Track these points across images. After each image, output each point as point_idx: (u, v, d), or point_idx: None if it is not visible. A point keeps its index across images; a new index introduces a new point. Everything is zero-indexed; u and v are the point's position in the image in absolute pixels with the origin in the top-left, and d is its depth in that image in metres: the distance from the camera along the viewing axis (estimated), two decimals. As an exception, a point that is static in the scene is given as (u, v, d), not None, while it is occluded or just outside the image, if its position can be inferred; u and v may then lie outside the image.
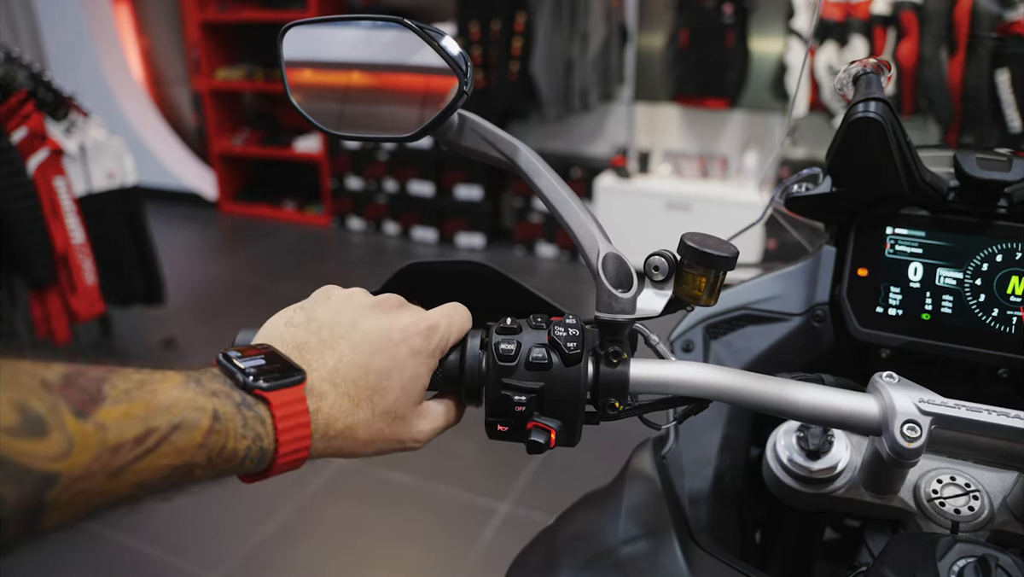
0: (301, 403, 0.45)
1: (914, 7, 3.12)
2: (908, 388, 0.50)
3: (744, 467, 0.74)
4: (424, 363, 0.50)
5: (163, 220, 4.67)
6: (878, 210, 0.67)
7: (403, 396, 0.49)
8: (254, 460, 0.43)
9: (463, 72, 0.52)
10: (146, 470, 0.37)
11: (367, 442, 0.49)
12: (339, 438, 0.47)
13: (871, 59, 0.65)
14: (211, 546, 2.11)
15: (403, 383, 0.49)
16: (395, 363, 0.49)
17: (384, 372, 0.48)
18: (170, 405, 0.39)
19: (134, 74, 5.68)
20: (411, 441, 0.51)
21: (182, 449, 0.39)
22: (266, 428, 0.43)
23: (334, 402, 0.47)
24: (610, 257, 0.53)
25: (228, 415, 0.41)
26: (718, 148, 4.25)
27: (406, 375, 0.49)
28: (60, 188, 2.75)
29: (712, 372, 0.52)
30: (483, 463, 2.49)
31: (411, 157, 4.64)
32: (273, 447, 0.43)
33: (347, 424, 0.47)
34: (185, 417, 0.39)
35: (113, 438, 0.36)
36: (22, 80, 2.73)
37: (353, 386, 0.47)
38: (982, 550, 0.47)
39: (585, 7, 3.95)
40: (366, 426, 0.48)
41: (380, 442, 0.49)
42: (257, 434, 0.43)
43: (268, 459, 0.44)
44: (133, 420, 0.37)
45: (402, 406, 0.49)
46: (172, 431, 0.38)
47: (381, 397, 0.48)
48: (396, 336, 0.49)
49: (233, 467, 0.42)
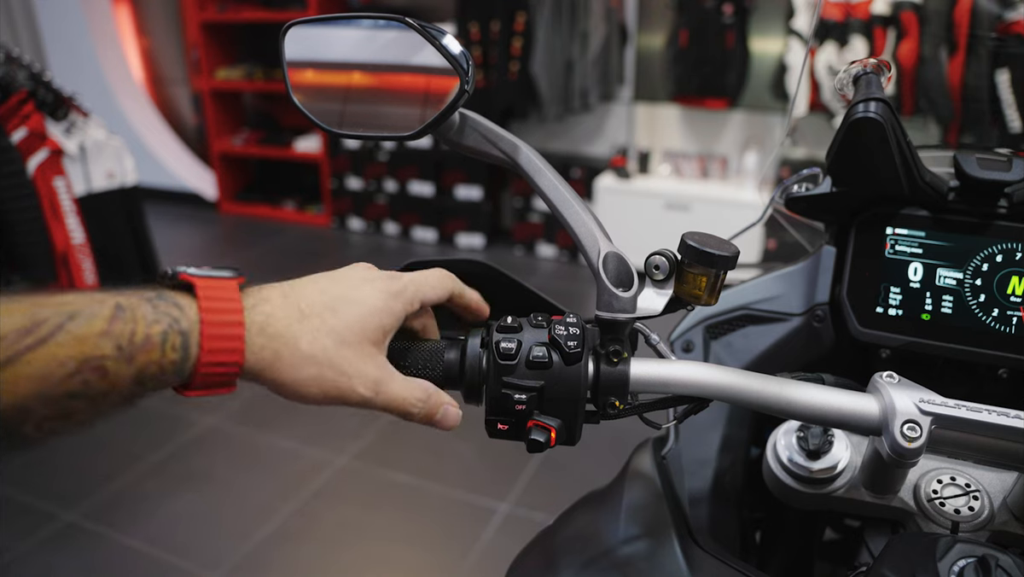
0: (232, 291, 0.43)
1: (914, 7, 3.12)
2: (908, 388, 0.50)
3: (744, 467, 0.74)
4: (386, 302, 0.48)
5: (163, 220, 4.68)
6: (878, 210, 0.67)
7: (357, 324, 0.47)
8: (176, 349, 0.40)
9: (464, 71, 0.52)
10: (43, 360, 0.36)
11: (308, 357, 0.45)
12: (279, 340, 0.44)
13: (871, 59, 0.65)
14: (211, 546, 2.10)
15: (360, 311, 0.47)
16: (353, 291, 0.48)
17: (341, 296, 0.47)
18: (62, 302, 0.38)
19: (134, 74, 5.68)
20: (359, 384, 0.47)
21: (81, 337, 0.37)
22: (184, 312, 0.41)
23: (280, 305, 0.45)
24: (611, 256, 0.54)
25: (133, 305, 0.40)
26: (718, 148, 4.25)
27: (364, 304, 0.47)
28: (60, 188, 2.75)
29: (712, 372, 0.52)
30: (483, 463, 2.49)
31: (411, 157, 4.64)
32: (196, 332, 0.41)
33: (289, 326, 0.45)
34: (81, 309, 0.38)
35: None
36: (22, 80, 2.72)
37: (306, 301, 0.46)
38: (982, 550, 0.47)
39: (585, 7, 3.95)
40: (311, 337, 0.45)
41: (323, 364, 0.45)
42: (173, 318, 0.41)
43: (193, 349, 0.41)
44: (15, 314, 0.36)
45: (354, 333, 0.46)
46: (66, 320, 0.37)
47: (333, 315, 0.46)
48: (354, 274, 0.50)
49: (154, 358, 0.40)
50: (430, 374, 0.53)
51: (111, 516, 2.21)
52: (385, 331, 0.48)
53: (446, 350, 0.53)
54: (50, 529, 2.14)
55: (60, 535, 2.13)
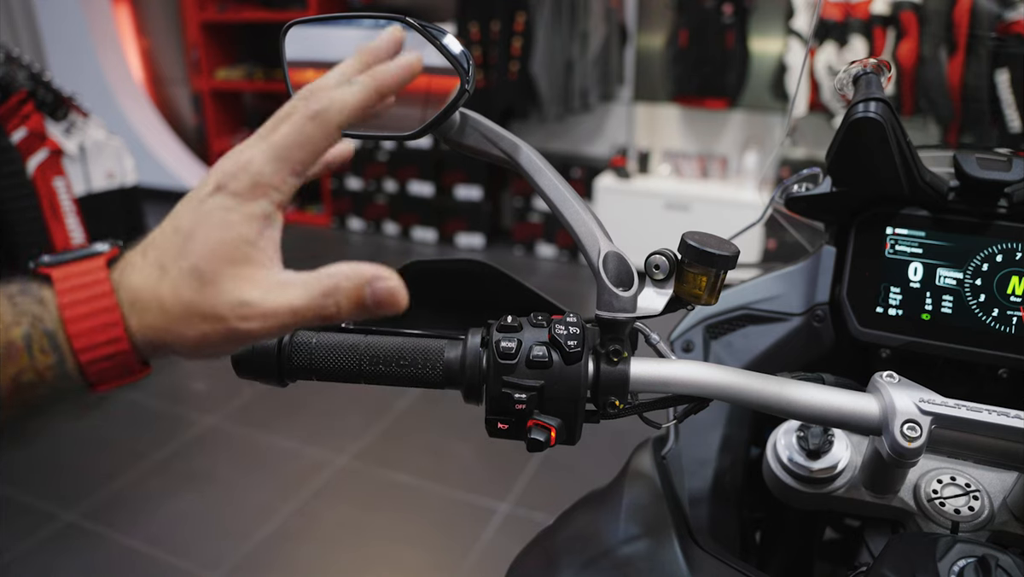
0: (97, 272, 0.38)
1: (914, 7, 3.12)
2: (908, 388, 0.50)
3: (744, 467, 0.74)
4: (234, 208, 0.39)
5: (163, 220, 4.67)
6: (878, 210, 0.67)
7: (208, 250, 0.38)
8: (45, 350, 0.36)
9: (465, 70, 0.52)
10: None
11: (180, 318, 0.38)
12: (149, 312, 0.38)
13: (871, 59, 0.65)
14: (211, 546, 2.10)
15: (207, 236, 0.38)
16: (201, 215, 0.39)
17: (189, 228, 0.39)
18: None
19: (134, 74, 5.68)
20: (236, 319, 0.38)
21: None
22: (46, 307, 0.37)
23: (141, 269, 0.39)
24: (611, 256, 0.54)
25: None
26: (718, 148, 4.25)
27: (211, 224, 0.39)
28: (60, 188, 2.75)
29: (712, 371, 0.52)
30: (483, 463, 2.49)
31: (411, 157, 4.64)
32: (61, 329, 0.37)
33: (154, 291, 0.38)
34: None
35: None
36: (22, 80, 2.72)
37: (161, 251, 0.39)
38: (982, 550, 0.47)
39: (585, 7, 3.95)
40: (173, 294, 0.38)
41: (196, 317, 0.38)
42: (34, 316, 0.36)
43: (65, 349, 0.37)
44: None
45: (207, 263, 0.38)
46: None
47: (184, 257, 0.38)
48: (205, 189, 0.40)
49: (25, 364, 0.36)
50: (429, 373, 0.53)
51: (111, 516, 2.21)
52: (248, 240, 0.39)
53: (446, 349, 0.53)
54: (50, 529, 2.14)
55: (60, 535, 2.13)
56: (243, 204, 0.39)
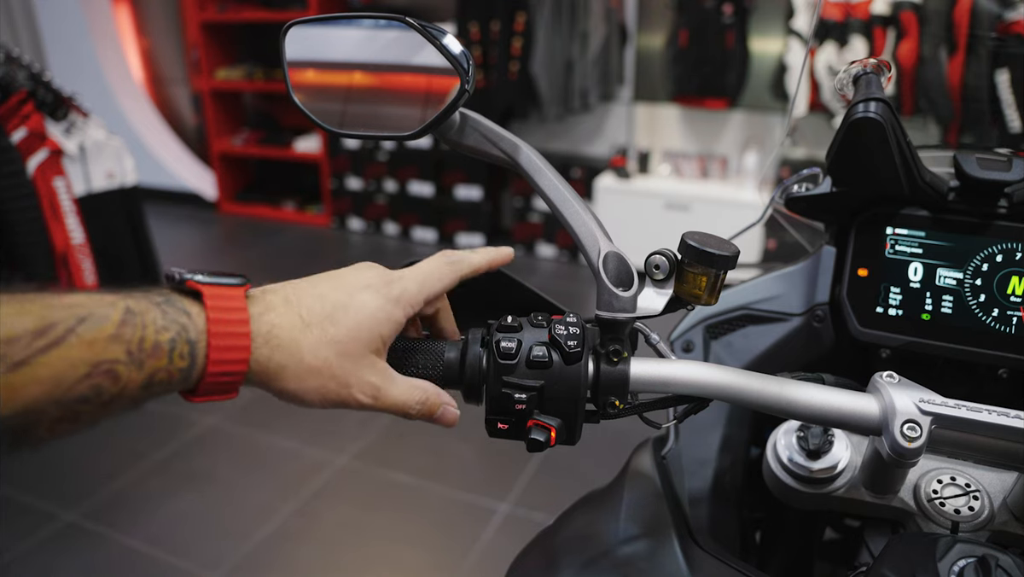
0: (239, 300, 0.44)
1: (914, 7, 3.12)
2: (908, 388, 0.50)
3: (744, 467, 0.74)
4: (384, 307, 0.48)
5: (163, 220, 4.68)
6: (878, 210, 0.67)
7: (357, 332, 0.47)
8: (184, 356, 0.41)
9: (465, 70, 0.52)
10: (56, 363, 0.36)
11: (312, 370, 0.46)
12: (283, 350, 0.45)
13: (871, 59, 0.65)
14: (211, 546, 2.10)
15: (358, 320, 0.47)
16: (352, 299, 0.47)
17: (340, 304, 0.47)
18: (73, 304, 0.38)
19: (134, 74, 5.68)
20: (360, 393, 0.48)
21: (92, 341, 0.38)
22: (192, 320, 0.42)
23: (283, 314, 0.46)
24: (611, 256, 0.54)
25: (142, 310, 0.40)
26: (718, 148, 4.25)
27: (362, 313, 0.47)
28: (60, 188, 2.75)
29: (712, 371, 0.52)
30: (483, 463, 2.49)
31: (411, 157, 4.64)
32: (203, 341, 0.42)
33: (293, 337, 0.45)
34: (92, 312, 0.38)
35: (5, 331, 0.35)
36: (22, 80, 2.72)
37: (307, 309, 0.46)
38: (982, 550, 0.47)
39: (585, 7, 3.95)
40: (313, 348, 0.46)
41: (326, 376, 0.47)
42: (182, 325, 0.41)
43: (200, 357, 0.42)
44: (27, 316, 0.36)
45: (354, 343, 0.47)
46: (77, 324, 0.37)
47: (333, 325, 0.46)
48: (358, 283, 0.49)
49: (162, 364, 0.40)
50: (430, 373, 0.53)
51: (111, 516, 2.21)
52: (384, 338, 0.49)
53: (446, 350, 0.53)
54: (50, 529, 2.14)
55: (60, 535, 2.13)
56: (392, 308, 0.48)
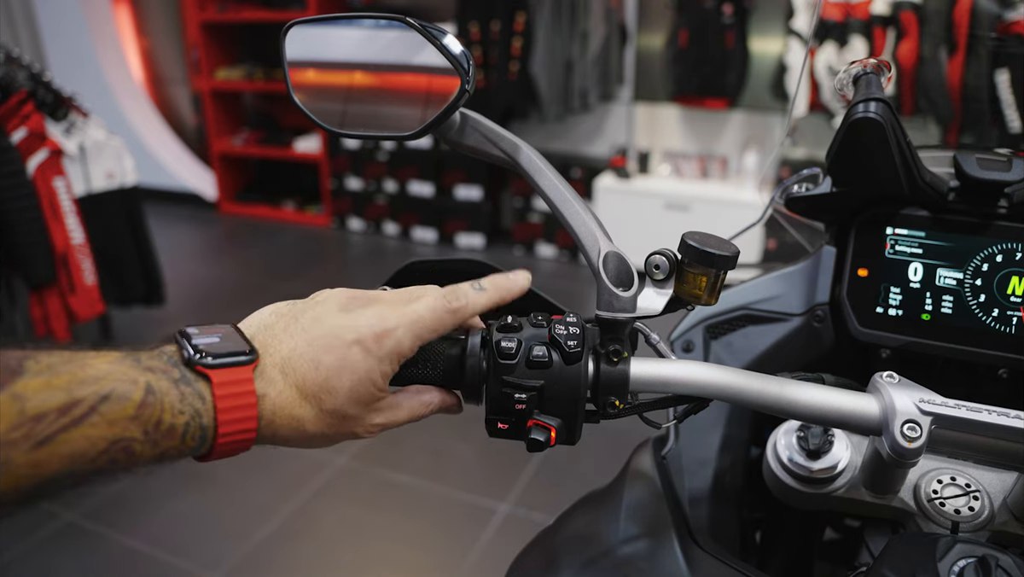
0: (247, 384, 0.44)
1: (914, 7, 3.12)
2: (908, 388, 0.50)
3: (744, 467, 0.74)
4: (376, 367, 0.48)
5: (163, 220, 4.68)
6: (878, 210, 0.67)
7: (351, 397, 0.48)
8: (195, 438, 0.43)
9: (465, 70, 0.52)
10: (77, 440, 0.37)
11: (315, 435, 0.48)
12: (286, 428, 0.47)
13: (871, 59, 0.65)
14: (211, 546, 2.10)
15: (352, 384, 0.47)
16: (345, 363, 0.47)
17: (333, 370, 0.47)
18: (99, 377, 0.39)
19: (134, 74, 5.68)
20: (364, 432, 0.51)
21: (113, 420, 0.39)
22: (206, 405, 0.43)
23: (282, 391, 0.46)
24: (611, 255, 0.54)
25: (163, 389, 0.41)
26: (718, 148, 4.25)
27: (356, 376, 0.47)
28: (60, 188, 2.75)
29: (712, 371, 0.52)
30: (483, 464, 2.49)
31: (411, 157, 4.64)
32: (213, 425, 0.43)
33: (294, 415, 0.47)
34: (115, 389, 0.39)
35: (33, 408, 0.36)
36: (22, 80, 2.72)
37: (302, 379, 0.47)
38: (982, 550, 0.47)
39: (585, 7, 3.95)
40: (314, 421, 0.48)
41: (331, 435, 0.49)
42: (196, 410, 0.42)
43: (209, 438, 0.44)
44: (55, 391, 0.37)
45: (351, 407, 0.48)
46: (100, 402, 0.38)
47: (329, 396, 0.47)
48: (349, 335, 0.48)
49: (175, 444, 0.42)
50: (430, 374, 0.53)
51: (111, 516, 2.21)
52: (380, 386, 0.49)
53: (446, 349, 0.53)
54: (50, 529, 2.14)
55: (60, 535, 2.13)
56: (381, 364, 0.48)
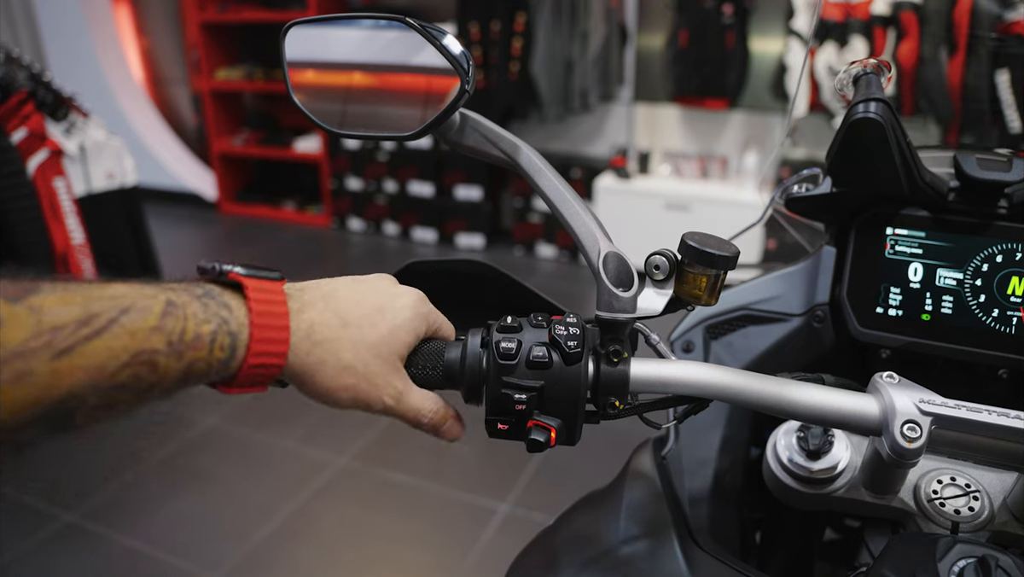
0: (279, 295, 0.45)
1: (914, 7, 3.12)
2: (908, 388, 0.50)
3: (744, 467, 0.74)
4: (415, 317, 0.50)
5: (163, 220, 4.67)
6: (878, 211, 0.67)
7: (392, 336, 0.49)
8: (224, 348, 0.42)
9: (465, 71, 0.52)
10: (98, 352, 0.37)
11: (348, 367, 0.47)
12: (322, 347, 0.47)
13: (871, 59, 0.65)
14: (211, 546, 2.10)
15: (395, 324, 0.49)
16: (388, 304, 0.49)
17: (378, 307, 0.49)
18: (115, 295, 0.39)
19: (134, 74, 5.68)
20: (385, 394, 0.50)
21: (134, 331, 0.38)
22: (233, 313, 0.42)
23: (323, 311, 0.47)
24: (611, 256, 0.54)
25: (184, 302, 0.41)
26: (718, 148, 4.25)
27: (397, 319, 0.49)
28: (60, 188, 2.75)
29: (712, 372, 0.52)
30: (483, 463, 2.49)
31: (411, 157, 4.64)
32: (246, 333, 0.43)
33: (333, 335, 0.47)
34: (134, 302, 0.39)
35: (49, 320, 0.36)
36: (22, 80, 2.72)
37: (345, 309, 0.48)
38: (982, 550, 0.47)
39: (585, 7, 3.95)
40: (352, 347, 0.47)
41: (360, 375, 0.48)
42: (222, 319, 0.42)
43: (242, 349, 0.43)
44: (71, 305, 0.37)
45: (387, 347, 0.49)
46: (120, 314, 0.38)
47: (372, 326, 0.48)
48: (392, 289, 0.51)
49: (202, 356, 0.41)
50: (430, 374, 0.53)
51: (111, 516, 2.21)
52: (409, 346, 0.51)
53: (446, 350, 0.53)
54: (50, 529, 2.14)
55: (60, 535, 2.13)
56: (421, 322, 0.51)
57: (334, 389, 0.48)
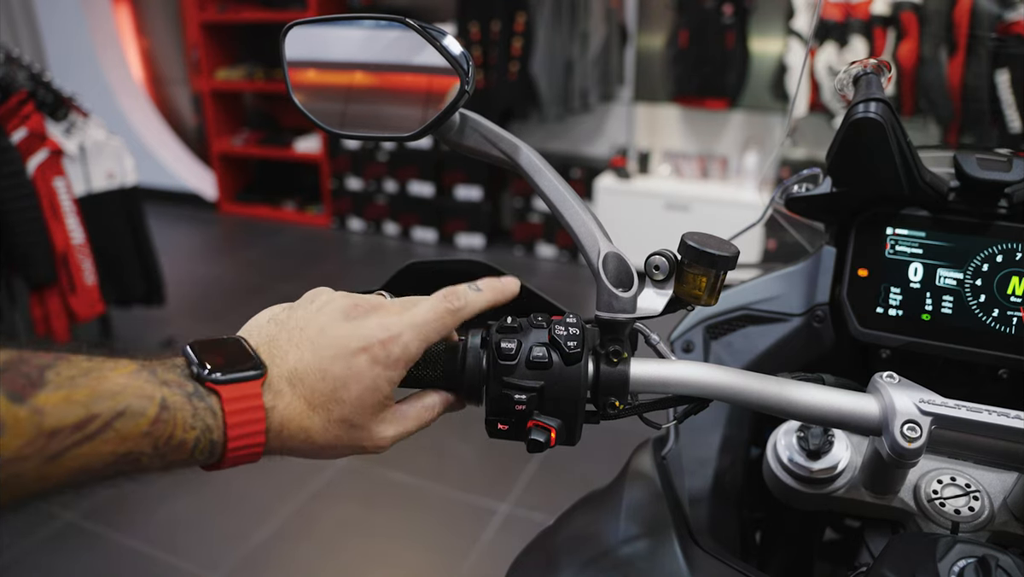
0: (255, 399, 0.45)
1: (914, 7, 3.12)
2: (908, 388, 0.50)
3: (744, 467, 0.74)
4: (383, 374, 0.48)
5: (163, 220, 4.67)
6: (878, 210, 0.67)
7: (359, 405, 0.48)
8: (204, 452, 0.43)
9: (464, 71, 0.52)
10: (87, 456, 0.37)
11: (324, 447, 0.48)
12: (294, 440, 0.47)
13: (871, 59, 0.65)
14: (211, 546, 2.10)
15: (359, 392, 0.47)
16: (351, 372, 0.47)
17: (340, 380, 0.47)
18: (116, 392, 0.39)
19: (134, 74, 5.68)
20: (372, 447, 0.50)
21: (126, 436, 0.39)
22: (216, 421, 0.43)
23: (290, 403, 0.46)
24: (611, 256, 0.54)
25: (177, 405, 0.41)
26: (718, 148, 4.25)
27: (362, 384, 0.47)
28: (60, 188, 2.75)
29: (712, 372, 0.52)
30: (483, 464, 2.49)
31: (411, 157, 4.64)
32: (223, 440, 0.43)
33: (302, 427, 0.47)
34: (131, 404, 0.39)
35: (50, 423, 0.36)
36: (22, 80, 2.72)
37: (310, 390, 0.47)
38: (982, 550, 0.47)
39: (585, 7, 3.95)
40: (322, 432, 0.48)
41: (340, 447, 0.49)
42: (207, 426, 0.43)
43: (219, 452, 0.44)
44: (73, 405, 0.37)
45: (358, 416, 0.48)
46: (115, 418, 0.38)
47: (337, 405, 0.47)
48: (354, 344, 0.48)
49: (183, 458, 0.42)
50: (431, 375, 0.53)
51: (111, 516, 2.21)
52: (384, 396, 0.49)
53: (446, 351, 0.53)
54: (50, 529, 2.14)
55: (60, 535, 2.13)
56: (388, 371, 0.48)
57: (318, 458, 0.50)
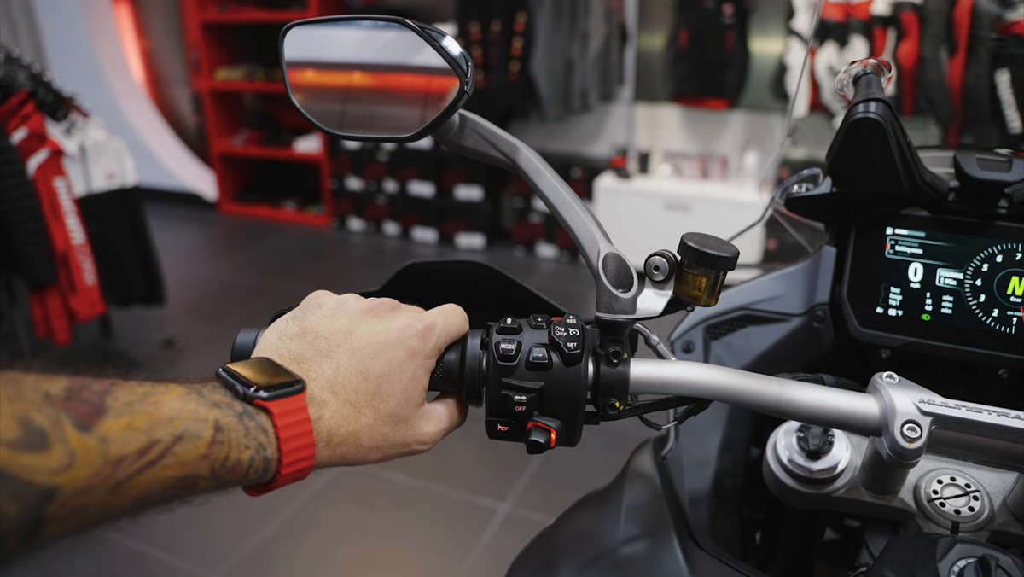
0: (302, 412, 0.45)
1: (914, 7, 3.12)
2: (908, 388, 0.50)
3: (744, 467, 0.74)
4: (422, 364, 0.50)
5: (163, 220, 4.67)
6: (878, 210, 0.67)
7: (404, 398, 0.49)
8: (258, 471, 0.43)
9: (464, 72, 0.52)
10: (149, 482, 0.37)
11: (372, 448, 0.49)
12: (344, 445, 0.47)
13: (871, 59, 0.65)
14: (211, 546, 2.11)
15: (403, 385, 0.49)
16: (393, 366, 0.48)
17: (383, 375, 0.48)
18: (172, 417, 0.39)
19: (134, 74, 5.68)
20: (417, 444, 0.51)
21: (185, 461, 0.39)
22: (268, 437, 0.43)
23: (336, 409, 0.47)
24: (610, 257, 0.54)
25: (230, 425, 0.41)
26: (718, 148, 4.25)
27: (406, 377, 0.49)
28: (60, 188, 2.75)
29: (712, 372, 0.52)
30: (483, 464, 2.49)
31: (411, 157, 4.64)
32: (276, 456, 0.43)
33: (350, 430, 0.47)
34: (188, 428, 0.39)
35: (115, 451, 0.36)
36: (22, 81, 2.73)
37: (354, 392, 0.47)
38: (982, 550, 0.47)
39: (585, 7, 3.95)
40: (370, 431, 0.48)
41: (386, 447, 0.50)
42: (260, 444, 0.43)
43: (272, 469, 0.44)
44: (135, 432, 0.37)
45: (404, 409, 0.49)
46: (175, 443, 0.38)
47: (382, 401, 0.48)
48: (393, 338, 0.49)
49: (237, 478, 0.42)
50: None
51: (111, 517, 2.21)
52: (424, 387, 0.51)
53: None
54: (50, 529, 2.14)
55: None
56: (426, 360, 0.50)
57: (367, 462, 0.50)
